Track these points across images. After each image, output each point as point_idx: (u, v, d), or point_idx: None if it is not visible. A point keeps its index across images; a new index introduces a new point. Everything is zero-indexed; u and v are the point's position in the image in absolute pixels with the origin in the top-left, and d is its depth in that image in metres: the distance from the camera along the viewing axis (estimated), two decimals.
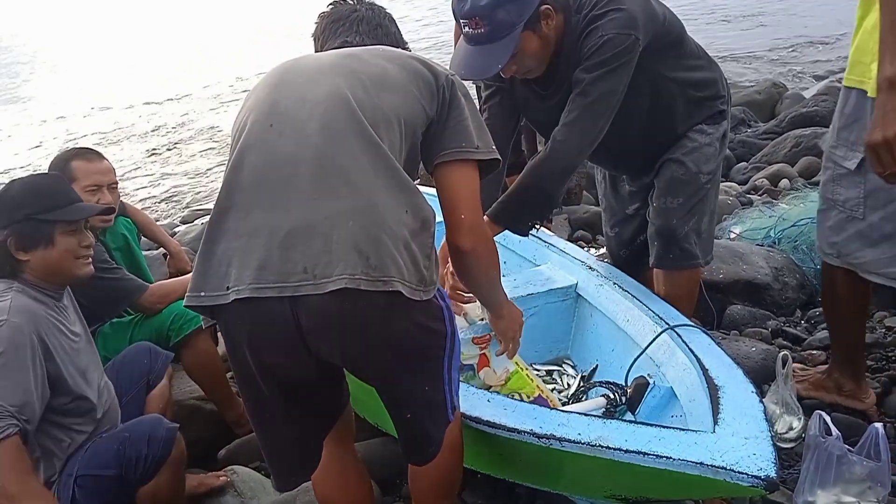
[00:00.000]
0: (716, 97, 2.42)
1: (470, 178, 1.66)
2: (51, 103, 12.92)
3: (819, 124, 5.37)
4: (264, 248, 1.43)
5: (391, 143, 1.53)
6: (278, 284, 1.41)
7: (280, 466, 1.71)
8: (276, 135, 1.52)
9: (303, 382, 1.58)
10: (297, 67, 1.66)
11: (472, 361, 2.20)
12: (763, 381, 2.50)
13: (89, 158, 2.61)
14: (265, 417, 1.63)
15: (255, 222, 1.46)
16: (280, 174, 1.48)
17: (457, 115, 1.64)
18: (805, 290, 3.26)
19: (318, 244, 1.41)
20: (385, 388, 1.64)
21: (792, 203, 3.85)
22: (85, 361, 2.08)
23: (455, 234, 1.67)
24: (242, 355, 1.51)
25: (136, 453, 2.00)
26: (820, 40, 10.19)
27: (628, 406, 2.16)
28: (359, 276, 1.39)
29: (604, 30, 2.10)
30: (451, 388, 1.64)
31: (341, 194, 1.44)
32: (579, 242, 3.99)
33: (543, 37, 2.16)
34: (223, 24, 21.39)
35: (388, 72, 1.61)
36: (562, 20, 2.18)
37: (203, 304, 1.48)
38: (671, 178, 2.38)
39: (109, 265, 2.59)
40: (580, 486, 1.97)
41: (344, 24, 1.82)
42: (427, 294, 1.49)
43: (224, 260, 1.47)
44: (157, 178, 8.00)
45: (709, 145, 2.39)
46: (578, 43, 2.16)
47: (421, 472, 1.78)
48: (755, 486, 1.55)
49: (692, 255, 2.43)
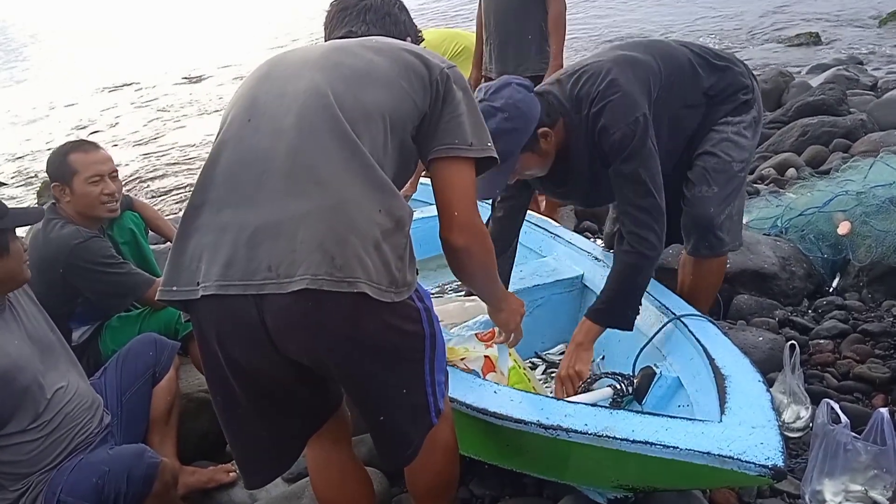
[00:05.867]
0: (736, 92, 2.42)
1: (464, 174, 1.61)
2: (53, 90, 12.87)
3: (826, 113, 5.33)
4: (232, 245, 1.42)
5: (372, 140, 1.50)
6: (243, 282, 1.40)
7: (249, 464, 1.68)
8: (252, 130, 1.52)
9: (274, 381, 1.54)
10: (283, 61, 1.64)
11: (478, 363, 2.18)
12: (770, 370, 2.50)
13: (86, 150, 2.60)
14: (236, 413, 1.60)
15: (225, 218, 1.45)
16: (252, 171, 1.47)
17: (451, 111, 1.60)
18: (812, 280, 3.25)
19: (283, 243, 1.40)
20: (354, 390, 1.59)
21: (799, 192, 3.83)
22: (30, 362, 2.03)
23: (447, 231, 1.63)
24: (213, 351, 1.51)
25: (114, 490, 1.96)
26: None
27: (635, 396, 2.16)
28: (322, 276, 1.37)
29: (612, 127, 2.15)
30: (434, 391, 1.59)
31: (311, 193, 1.43)
32: (585, 233, 3.98)
33: (543, 153, 2.23)
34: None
35: (376, 65, 1.58)
36: (562, 126, 2.24)
37: (175, 299, 1.48)
38: (704, 169, 2.38)
39: (116, 260, 2.60)
40: (587, 476, 1.97)
41: (351, 14, 1.80)
42: (399, 295, 1.45)
43: (195, 255, 1.46)
44: (163, 172, 8.00)
45: (737, 134, 2.39)
46: (590, 139, 2.22)
47: (416, 476, 1.78)
48: (762, 475, 1.55)
49: (725, 242, 2.45)
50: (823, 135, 4.98)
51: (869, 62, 8.13)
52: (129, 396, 2.35)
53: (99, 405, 2.21)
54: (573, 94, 2.24)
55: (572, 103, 2.23)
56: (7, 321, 2.03)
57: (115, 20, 20.82)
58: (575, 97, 2.23)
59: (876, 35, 9.60)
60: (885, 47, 8.96)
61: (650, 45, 2.42)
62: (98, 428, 2.15)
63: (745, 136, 2.41)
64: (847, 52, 8.84)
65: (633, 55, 2.30)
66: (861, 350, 2.70)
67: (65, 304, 2.54)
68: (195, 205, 1.51)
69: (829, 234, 3.29)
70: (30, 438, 1.98)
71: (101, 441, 2.14)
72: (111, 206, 2.60)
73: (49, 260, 2.47)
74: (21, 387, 1.96)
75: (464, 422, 1.94)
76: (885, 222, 3.09)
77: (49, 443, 2.01)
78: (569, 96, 2.24)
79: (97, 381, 2.36)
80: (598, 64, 2.25)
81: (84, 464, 2.01)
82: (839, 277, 3.24)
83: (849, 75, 6.88)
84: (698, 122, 2.41)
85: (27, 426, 1.97)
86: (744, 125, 2.41)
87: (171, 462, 2.25)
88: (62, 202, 2.57)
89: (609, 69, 2.21)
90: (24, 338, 2.05)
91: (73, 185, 2.53)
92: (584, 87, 2.22)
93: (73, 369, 2.19)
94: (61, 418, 2.04)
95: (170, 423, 2.47)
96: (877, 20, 10.14)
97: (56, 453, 2.02)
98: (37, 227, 2.56)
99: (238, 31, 16.25)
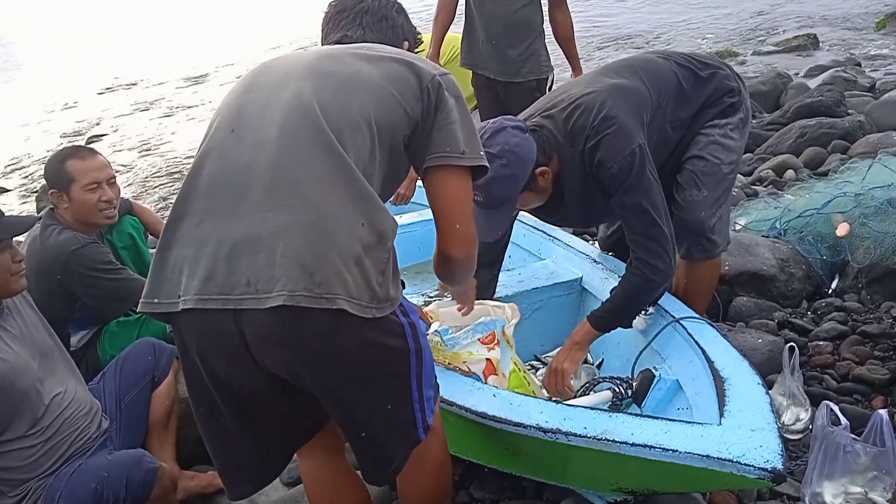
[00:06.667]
0: (722, 96, 2.43)
1: (462, 184, 1.61)
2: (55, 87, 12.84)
3: (824, 114, 5.33)
4: (211, 258, 1.41)
5: (357, 151, 1.48)
6: (222, 297, 1.39)
7: (232, 476, 1.66)
8: (235, 141, 1.51)
9: (255, 394, 1.53)
10: (269, 70, 1.63)
11: (479, 365, 2.18)
12: (770, 372, 2.49)
13: (83, 156, 2.59)
14: (219, 423, 1.58)
15: (205, 231, 1.44)
16: (234, 183, 1.46)
17: (443, 119, 1.58)
18: (811, 281, 3.24)
19: (262, 258, 1.38)
20: (334, 406, 1.55)
21: (797, 194, 3.83)
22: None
23: (448, 244, 1.64)
24: (194, 362, 1.50)
25: (113, 495, 1.96)
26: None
27: (634, 399, 2.16)
28: (300, 292, 1.35)
29: (609, 161, 2.17)
30: (421, 407, 1.56)
31: (291, 206, 1.41)
32: (584, 236, 3.98)
33: (541, 189, 2.26)
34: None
35: (364, 73, 1.56)
36: (557, 161, 2.25)
37: (156, 311, 1.47)
38: (693, 172, 2.39)
39: (114, 265, 2.59)
40: (587, 479, 1.97)
41: (347, 17, 1.79)
42: (381, 311, 1.43)
43: (176, 267, 1.45)
44: (162, 177, 7.99)
45: (724, 136, 2.41)
46: (585, 172, 2.23)
47: (406, 490, 1.77)
48: (762, 478, 1.55)
49: (717, 243, 2.46)
50: (822, 136, 4.97)
51: (867, 64, 8.14)
52: (128, 401, 2.35)
53: (97, 410, 2.20)
54: (567, 128, 2.23)
55: (566, 137, 2.23)
56: (5, 327, 2.03)
57: (114, 20, 20.79)
58: (569, 132, 2.23)
59: (874, 37, 9.61)
60: (882, 49, 8.97)
61: (639, 67, 2.41)
62: (96, 433, 2.15)
63: (733, 137, 2.42)
64: (845, 53, 8.84)
65: (624, 84, 2.29)
66: (860, 352, 2.69)
67: (63, 309, 2.54)
68: (177, 216, 1.50)
69: (827, 235, 3.29)
70: (28, 444, 1.97)
71: (99, 446, 2.14)
72: (109, 212, 2.60)
73: (47, 265, 2.47)
74: (19, 393, 1.96)
75: (464, 425, 1.94)
76: (883, 223, 3.09)
77: (47, 448, 2.00)
78: (562, 130, 2.24)
79: (96, 386, 2.36)
80: (592, 97, 2.23)
81: (83, 469, 2.01)
82: (838, 279, 3.24)
83: (847, 77, 6.87)
84: (685, 131, 2.43)
85: (25, 432, 1.97)
86: (731, 127, 2.42)
87: (170, 467, 2.25)
88: (60, 208, 2.57)
89: (603, 101, 2.20)
90: (23, 344, 2.05)
91: (71, 192, 2.53)
92: (578, 121, 2.21)
93: (72, 375, 2.19)
94: (59, 424, 2.04)
95: (169, 427, 2.47)
96: (874, 22, 10.15)
97: (54, 459, 2.02)
98: (35, 233, 2.56)
99: (237, 31, 16.22)
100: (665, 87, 2.36)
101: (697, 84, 2.41)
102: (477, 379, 2.11)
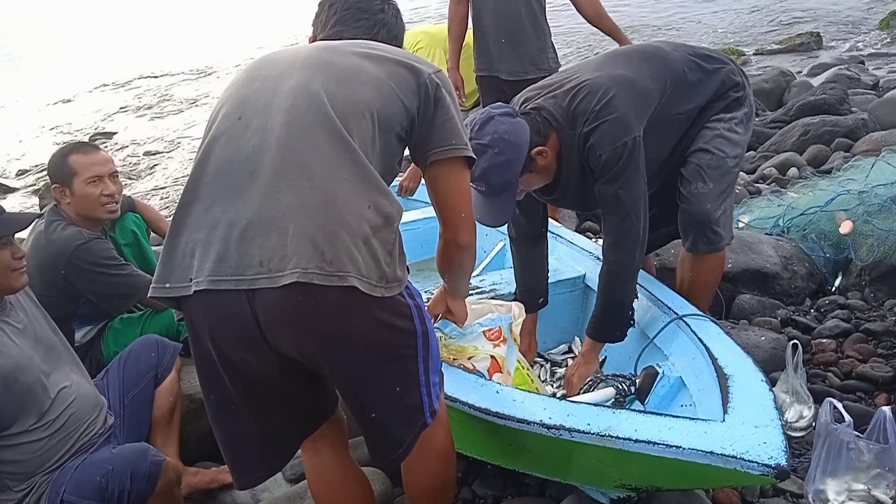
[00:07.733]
0: (728, 90, 2.44)
1: (464, 175, 1.70)
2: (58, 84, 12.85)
3: (827, 112, 5.33)
4: (223, 240, 1.43)
5: (362, 137, 1.52)
6: (235, 277, 1.41)
7: (240, 464, 1.67)
8: (242, 128, 1.53)
9: (267, 378, 1.55)
10: (271, 62, 1.66)
11: (484, 363, 2.18)
12: (773, 370, 2.49)
13: (86, 151, 2.61)
14: (229, 410, 1.59)
15: (216, 214, 1.46)
16: (243, 167, 1.48)
17: (443, 114, 1.65)
18: (814, 279, 3.24)
19: (274, 238, 1.41)
20: (345, 387, 1.58)
21: (801, 191, 3.83)
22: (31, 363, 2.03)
23: (457, 232, 1.72)
24: (205, 347, 1.51)
25: (118, 488, 1.96)
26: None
27: (637, 396, 2.16)
28: (312, 270, 1.38)
29: (600, 148, 2.18)
30: (428, 392, 1.59)
31: (301, 188, 1.44)
32: (587, 233, 3.98)
33: (542, 168, 2.26)
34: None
35: (364, 67, 1.61)
36: (556, 139, 2.26)
37: (168, 296, 1.48)
38: (699, 165, 2.40)
39: (117, 261, 2.60)
40: (590, 476, 1.97)
41: (340, 14, 1.81)
42: (389, 290, 1.47)
43: (187, 252, 1.47)
44: (165, 173, 8.00)
45: (729, 130, 2.41)
46: (581, 156, 2.25)
47: (411, 478, 1.78)
48: (765, 474, 1.55)
49: (722, 236, 2.46)
50: (825, 134, 4.98)
51: (870, 62, 8.12)
52: (132, 398, 2.35)
53: (103, 406, 2.21)
54: (569, 109, 2.24)
55: (567, 119, 2.24)
56: (8, 322, 2.03)
57: (116, 19, 20.80)
58: (571, 113, 2.23)
59: (877, 34, 9.59)
60: (886, 47, 8.95)
61: (649, 56, 2.41)
62: (102, 428, 2.16)
63: (738, 131, 2.43)
64: (848, 51, 8.83)
65: (632, 77, 2.29)
66: (863, 349, 2.69)
67: (67, 305, 2.54)
68: (186, 202, 1.52)
69: (831, 233, 3.29)
70: (35, 438, 1.98)
71: (104, 442, 2.14)
72: (111, 207, 2.60)
73: (51, 261, 2.48)
74: (23, 387, 1.96)
75: (466, 422, 1.94)
76: (886, 221, 3.09)
77: (54, 443, 2.01)
78: (564, 111, 2.24)
79: (99, 383, 2.36)
80: (598, 82, 2.24)
81: (87, 463, 2.02)
82: (841, 277, 3.24)
83: (850, 74, 6.86)
84: (690, 124, 2.43)
85: (32, 426, 1.97)
86: (735, 121, 2.43)
87: (174, 462, 2.26)
88: (63, 204, 2.58)
89: (608, 88, 2.21)
90: (26, 338, 2.05)
91: (73, 186, 2.54)
92: (580, 104, 2.22)
93: (77, 370, 2.19)
94: (66, 418, 2.04)
95: (172, 424, 2.47)
96: (878, 19, 10.13)
97: (61, 453, 2.02)
98: (39, 229, 2.57)
99: (237, 31, 16.24)
100: (672, 79, 2.35)
101: (704, 78, 2.41)
102: (481, 377, 2.11)
